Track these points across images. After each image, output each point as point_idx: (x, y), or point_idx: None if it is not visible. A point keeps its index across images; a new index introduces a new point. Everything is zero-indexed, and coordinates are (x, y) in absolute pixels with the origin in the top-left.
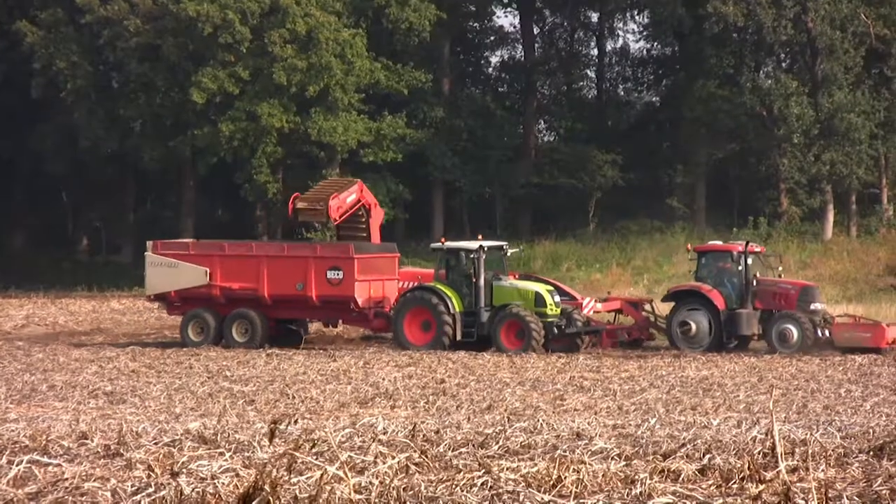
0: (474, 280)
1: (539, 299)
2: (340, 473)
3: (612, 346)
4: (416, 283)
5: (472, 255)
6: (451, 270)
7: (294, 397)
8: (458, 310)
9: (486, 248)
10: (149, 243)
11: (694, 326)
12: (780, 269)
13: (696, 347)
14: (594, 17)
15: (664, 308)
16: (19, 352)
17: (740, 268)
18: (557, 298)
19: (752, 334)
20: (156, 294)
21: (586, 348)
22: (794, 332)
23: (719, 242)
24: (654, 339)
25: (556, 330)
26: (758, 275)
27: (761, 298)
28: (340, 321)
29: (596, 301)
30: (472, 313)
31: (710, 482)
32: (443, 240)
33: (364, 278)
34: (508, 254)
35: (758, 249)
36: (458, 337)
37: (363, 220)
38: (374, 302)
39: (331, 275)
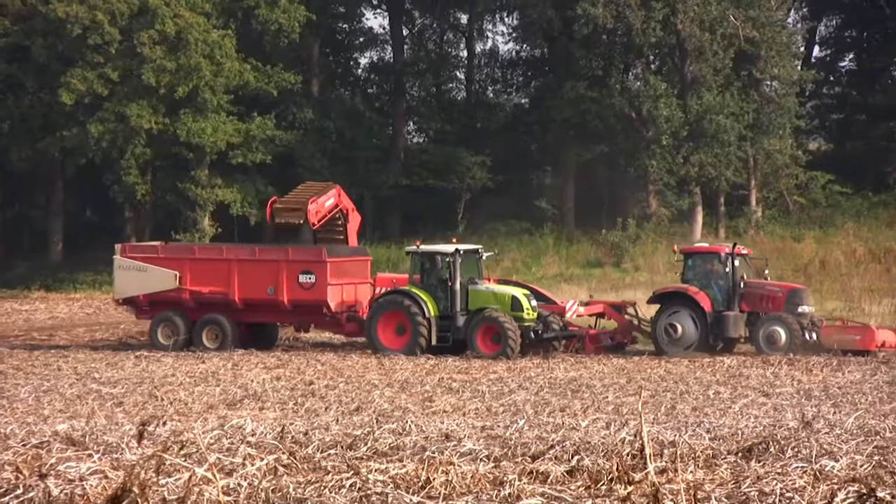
0: (450, 284)
1: (516, 303)
2: (209, 475)
3: (596, 351)
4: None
5: (447, 259)
6: (425, 274)
7: (162, 399)
8: (433, 314)
9: (461, 252)
10: (117, 246)
11: (680, 329)
12: (767, 271)
13: (682, 350)
14: (463, 18)
15: (648, 311)
16: None
17: (727, 270)
18: (534, 302)
19: (739, 337)
20: (124, 298)
21: (569, 353)
22: (783, 335)
23: (705, 244)
24: (638, 342)
25: (532, 335)
26: (745, 277)
27: (748, 301)
28: (312, 325)
29: (578, 304)
30: (447, 317)
31: (578, 483)
32: (417, 243)
33: (336, 282)
34: (484, 257)
35: (745, 251)
36: (434, 341)
37: (340, 224)
38: (346, 306)
39: (303, 278)
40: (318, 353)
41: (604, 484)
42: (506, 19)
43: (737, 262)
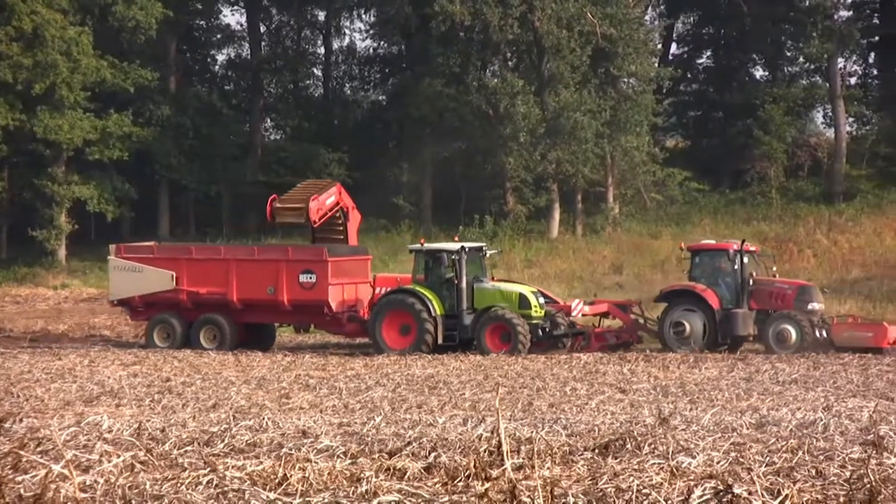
0: (456, 282)
1: (523, 301)
2: (66, 472)
3: (601, 349)
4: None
5: (453, 257)
6: (430, 272)
7: (19, 395)
8: (439, 313)
9: (467, 249)
10: (112, 247)
11: (688, 327)
12: (775, 268)
13: (689, 348)
14: (321, 15)
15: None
16: None
17: (736, 267)
18: (542, 300)
19: (747, 335)
20: (119, 299)
21: (574, 351)
22: (793, 333)
23: (712, 241)
24: (643, 341)
25: (541, 332)
26: (754, 274)
27: (757, 298)
28: (312, 326)
29: (584, 304)
30: (452, 316)
31: (435, 480)
32: (422, 241)
33: (337, 281)
34: (488, 255)
35: (753, 248)
36: (440, 340)
37: (340, 223)
38: (347, 305)
39: (303, 278)
40: (175, 350)
41: (461, 480)
42: (363, 16)
43: (745, 260)
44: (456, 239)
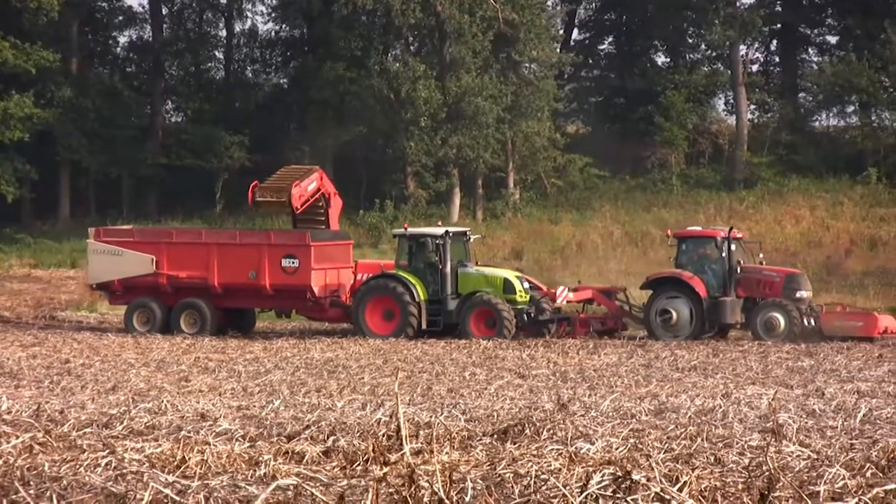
0: (440, 267)
1: (508, 286)
2: None
3: (586, 335)
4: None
5: (437, 242)
6: (413, 257)
7: None
8: (422, 298)
9: (451, 234)
10: (91, 230)
11: (674, 315)
12: (762, 256)
13: (676, 336)
14: None
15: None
16: None
17: (723, 254)
18: (526, 285)
19: (735, 323)
20: (98, 283)
21: (559, 337)
22: (781, 321)
23: (699, 228)
24: (627, 328)
25: (526, 317)
26: (742, 262)
27: (744, 286)
28: (294, 311)
29: (568, 290)
30: (436, 301)
31: (334, 464)
32: (406, 226)
33: (320, 266)
34: (471, 240)
35: (740, 235)
36: (424, 325)
37: (322, 209)
38: (329, 291)
39: (286, 263)
40: (75, 332)
41: (359, 464)
42: None
43: (733, 247)
44: (439, 224)
